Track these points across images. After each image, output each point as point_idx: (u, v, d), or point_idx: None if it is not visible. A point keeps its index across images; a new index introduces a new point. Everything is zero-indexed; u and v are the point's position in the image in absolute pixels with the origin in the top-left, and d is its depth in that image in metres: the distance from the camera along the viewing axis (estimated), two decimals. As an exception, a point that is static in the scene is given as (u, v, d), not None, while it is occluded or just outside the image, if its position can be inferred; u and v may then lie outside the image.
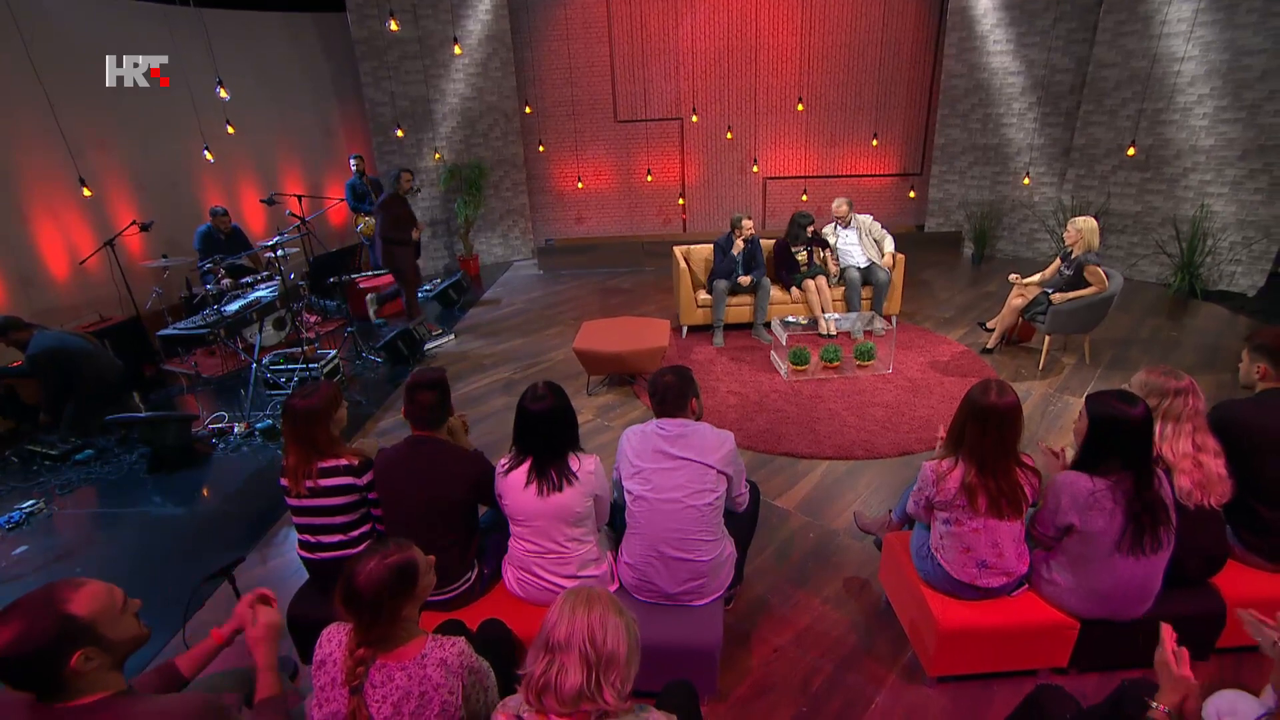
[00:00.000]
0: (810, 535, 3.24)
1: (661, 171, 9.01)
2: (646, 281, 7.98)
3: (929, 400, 4.54)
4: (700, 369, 5.23)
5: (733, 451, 2.29)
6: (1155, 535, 2.02)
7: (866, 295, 5.85)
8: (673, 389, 2.29)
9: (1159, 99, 6.69)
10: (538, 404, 2.20)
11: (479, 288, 7.99)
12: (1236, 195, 6.45)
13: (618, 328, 5.00)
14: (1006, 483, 2.02)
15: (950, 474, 2.08)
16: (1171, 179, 6.80)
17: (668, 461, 2.23)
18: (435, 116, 8.11)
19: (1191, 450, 2.20)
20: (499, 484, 2.27)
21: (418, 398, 2.28)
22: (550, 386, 2.25)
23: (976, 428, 2.03)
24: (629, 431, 2.37)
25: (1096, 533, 2.03)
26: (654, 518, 2.21)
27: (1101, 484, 2.03)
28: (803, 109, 8.51)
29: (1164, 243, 6.90)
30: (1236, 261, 6.56)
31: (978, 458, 2.03)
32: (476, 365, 5.58)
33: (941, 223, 8.70)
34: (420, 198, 8.37)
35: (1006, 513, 2.05)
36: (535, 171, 8.99)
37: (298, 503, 2.30)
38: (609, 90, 8.61)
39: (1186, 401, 2.23)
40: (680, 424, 2.28)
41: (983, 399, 2.02)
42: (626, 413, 4.62)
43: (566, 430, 2.23)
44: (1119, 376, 4.84)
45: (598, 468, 2.25)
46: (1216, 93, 6.37)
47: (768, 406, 4.56)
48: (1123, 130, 6.98)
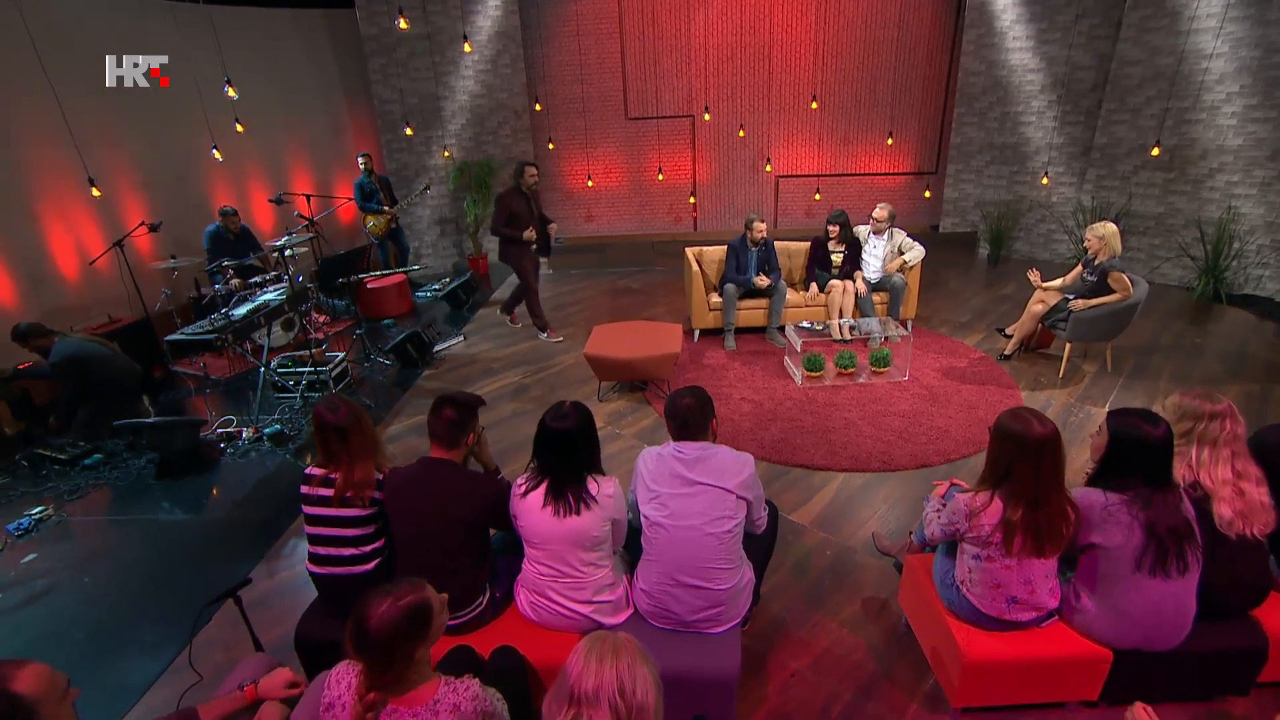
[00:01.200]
0: (827, 552, 3.17)
1: (673, 170, 8.91)
2: (657, 281, 7.89)
3: (946, 410, 4.45)
4: (713, 374, 5.15)
5: (752, 475, 2.22)
6: (1181, 557, 1.95)
7: (881, 300, 5.75)
8: (695, 412, 2.22)
9: (1185, 97, 6.52)
10: (560, 423, 2.14)
11: (488, 287, 7.93)
12: (1266, 197, 6.29)
13: (629, 332, 4.93)
14: (1058, 515, 1.94)
15: (986, 510, 1.99)
16: (1196, 180, 6.64)
17: (686, 487, 2.16)
18: (444, 114, 8.04)
19: (1231, 477, 2.12)
20: (515, 504, 2.21)
21: (442, 412, 2.23)
22: (575, 407, 2.19)
23: (1028, 466, 1.93)
24: (646, 453, 2.31)
25: (1116, 547, 1.97)
26: (671, 545, 2.15)
27: (1115, 498, 1.99)
28: (817, 107, 8.37)
29: (1187, 245, 6.75)
30: (1264, 265, 6.41)
31: (1029, 496, 1.94)
32: (486, 369, 5.53)
33: (957, 223, 8.56)
34: (429, 195, 8.32)
35: (1048, 551, 1.97)
36: (545, 169, 8.90)
37: (318, 510, 2.27)
38: (620, 87, 8.51)
39: (1224, 426, 2.14)
40: (699, 447, 2.21)
41: (1029, 432, 1.93)
42: (639, 420, 4.55)
43: (587, 452, 2.17)
44: (1141, 386, 4.73)
45: (617, 491, 2.19)
46: (1246, 91, 6.21)
47: (782, 415, 4.48)
48: (1146, 130, 6.82)
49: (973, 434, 4.13)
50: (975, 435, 4.12)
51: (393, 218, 7.33)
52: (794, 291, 5.89)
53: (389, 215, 7.25)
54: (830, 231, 5.69)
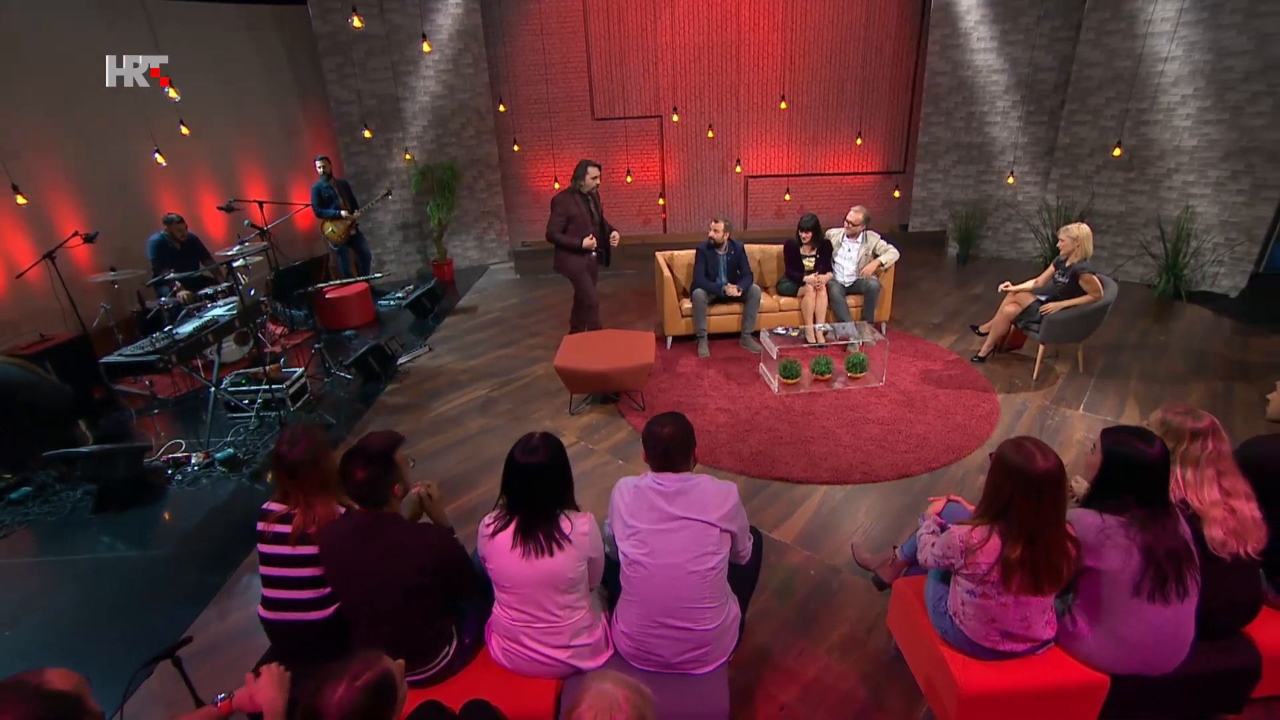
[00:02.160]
0: (811, 572, 3.07)
1: (641, 171, 8.77)
2: (627, 285, 7.75)
3: (925, 416, 4.40)
4: (687, 383, 5.03)
5: (736, 506, 2.09)
6: (1180, 581, 1.89)
7: (855, 303, 5.70)
8: (676, 442, 2.08)
9: (1143, 99, 6.63)
10: (529, 457, 1.99)
11: (454, 294, 7.69)
12: (1219, 196, 6.43)
13: (600, 342, 4.78)
14: (1058, 553, 1.85)
15: (983, 547, 1.89)
16: (1155, 179, 6.76)
17: (666, 522, 2.02)
18: (405, 115, 7.76)
19: (1220, 497, 2.06)
20: (483, 546, 2.05)
21: (352, 473, 1.96)
22: (546, 439, 2.04)
23: (1028, 501, 1.84)
24: (623, 486, 2.16)
25: (1113, 571, 1.90)
26: (652, 585, 2.01)
27: (1112, 520, 1.92)
28: (786, 107, 8.32)
29: (1148, 243, 6.87)
30: (1219, 263, 6.55)
31: (1028, 533, 1.85)
32: (452, 381, 5.32)
33: (926, 222, 8.60)
34: (391, 200, 8.03)
35: (1046, 589, 1.89)
36: (510, 172, 8.68)
37: (273, 549, 2.10)
38: (585, 87, 8.33)
39: (1206, 445, 2.09)
40: (679, 479, 2.07)
41: (1031, 466, 1.83)
42: (612, 434, 4.41)
43: (559, 488, 2.02)
44: (1112, 385, 4.76)
45: (592, 528, 2.04)
46: (1200, 93, 6.33)
47: (759, 425, 4.38)
48: (1107, 130, 6.92)
49: (952, 441, 4.09)
50: (955, 442, 4.08)
51: (353, 224, 7.04)
52: (767, 296, 5.80)
53: (348, 221, 6.97)
54: (803, 238, 5.62)
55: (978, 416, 4.37)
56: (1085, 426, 4.24)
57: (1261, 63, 5.95)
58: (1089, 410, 4.44)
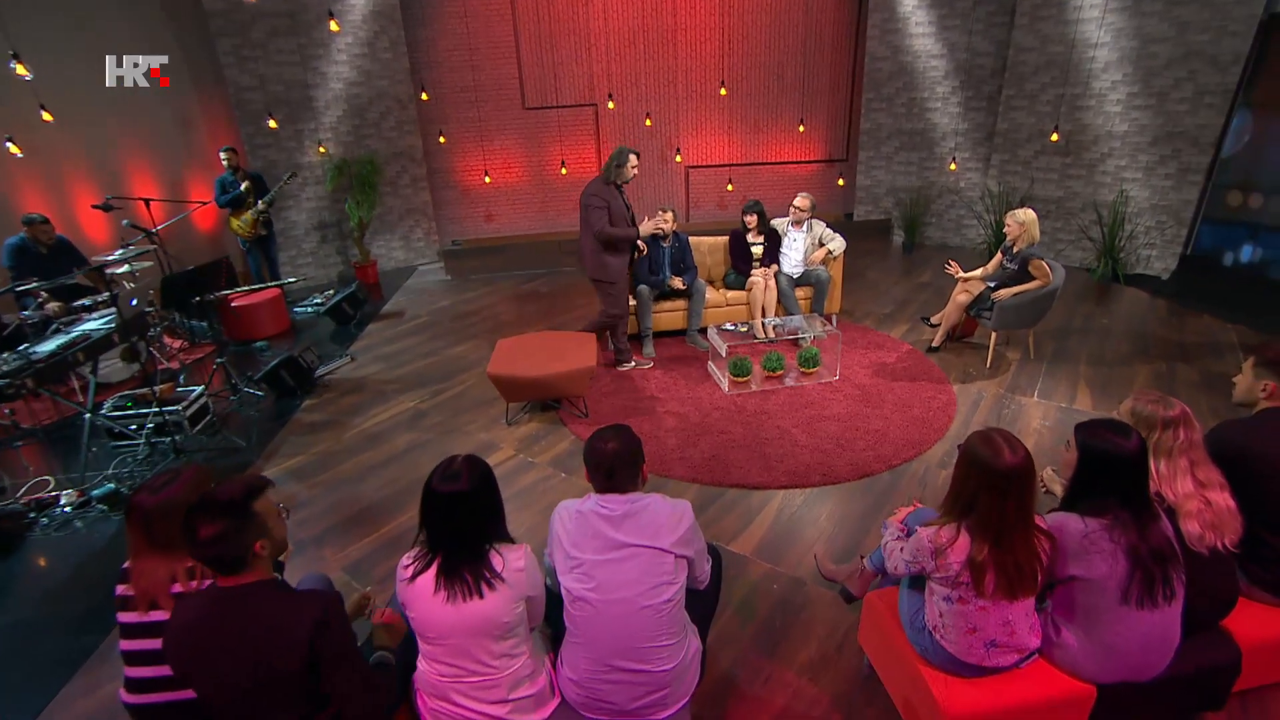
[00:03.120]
0: (774, 587, 2.92)
1: (577, 162, 8.53)
2: (566, 284, 7.51)
3: (881, 410, 4.35)
4: (633, 385, 4.84)
5: (692, 527, 1.90)
6: (1168, 583, 1.82)
7: (804, 295, 5.63)
8: (622, 459, 1.88)
9: (1076, 84, 6.83)
10: (449, 485, 1.74)
11: (378, 298, 7.27)
12: (1150, 180, 6.69)
13: (537, 345, 4.53)
14: (1024, 554, 1.74)
15: (952, 546, 1.77)
16: (1091, 164, 6.99)
17: (614, 551, 1.81)
18: (316, 104, 7.27)
19: (1194, 489, 2.01)
20: (403, 591, 1.79)
21: (198, 531, 1.54)
22: (469, 463, 1.79)
23: (993, 497, 1.73)
24: (563, 510, 1.94)
25: (1101, 579, 1.81)
26: (601, 624, 1.80)
27: (1094, 524, 1.83)
28: (725, 94, 8.23)
29: (1086, 228, 7.09)
30: (1151, 245, 6.82)
31: (993, 531, 1.74)
32: (377, 394, 4.96)
33: (870, 210, 8.69)
34: (304, 198, 7.51)
35: (1020, 592, 1.78)
36: (437, 165, 8.29)
37: (130, 618, 1.79)
38: (515, 74, 8.03)
39: (1179, 434, 2.03)
40: (626, 500, 1.87)
41: (997, 461, 1.72)
42: (553, 444, 4.17)
43: (486, 519, 1.79)
44: (1064, 370, 4.84)
45: (529, 562, 1.81)
46: (1128, 79, 6.56)
47: (711, 428, 4.23)
48: (1043, 115, 7.11)
49: (911, 435, 4.04)
50: (914, 436, 4.03)
51: (262, 218, 6.46)
52: (713, 290, 5.67)
53: (256, 214, 6.39)
54: (747, 223, 5.50)
55: (935, 409, 4.35)
56: (1041, 414, 4.27)
57: (1182, 49, 6.21)
58: (1043, 397, 4.49)
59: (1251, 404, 2.28)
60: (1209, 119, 6.19)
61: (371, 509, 3.57)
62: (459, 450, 4.14)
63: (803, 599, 2.85)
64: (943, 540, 1.79)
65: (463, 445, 4.19)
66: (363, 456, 4.11)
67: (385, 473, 3.93)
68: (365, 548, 3.26)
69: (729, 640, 2.63)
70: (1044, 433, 4.06)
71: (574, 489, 3.68)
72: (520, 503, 3.59)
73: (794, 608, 2.80)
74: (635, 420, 4.34)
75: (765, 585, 2.93)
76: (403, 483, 3.81)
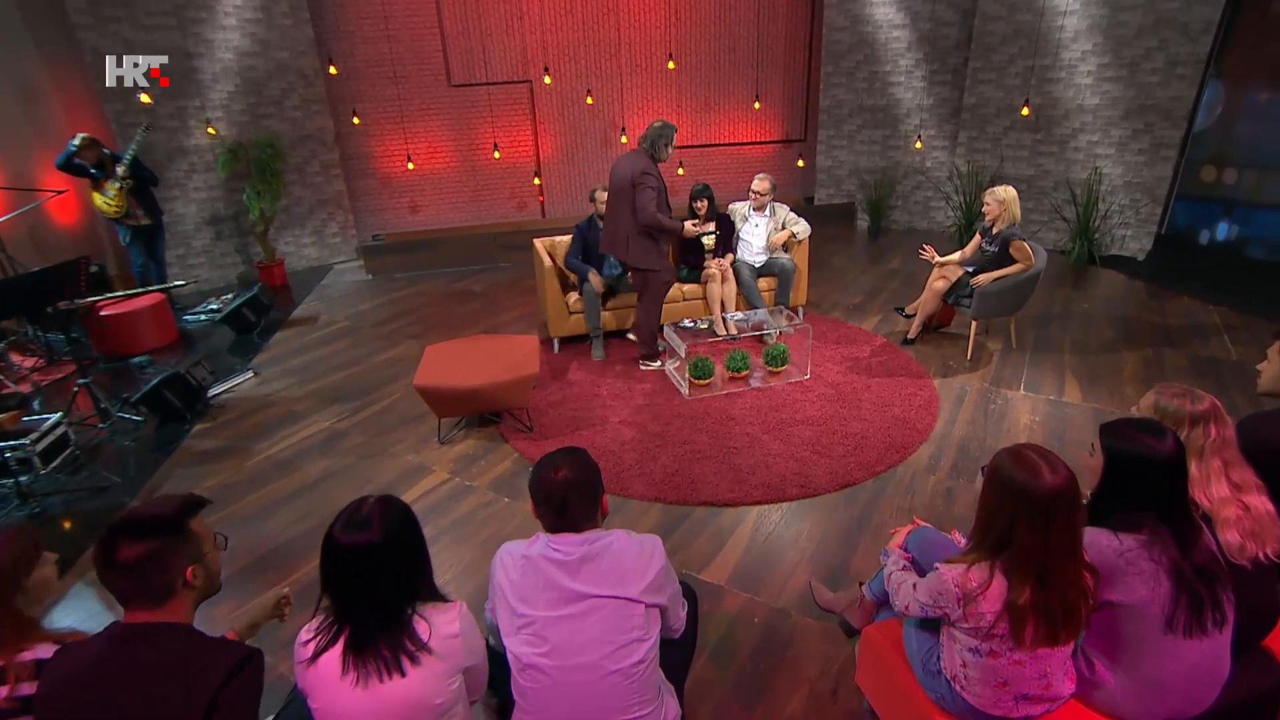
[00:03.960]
0: (754, 620, 2.74)
1: (511, 146, 8.22)
2: (503, 281, 7.22)
3: (859, 411, 4.23)
4: (582, 393, 4.61)
5: (664, 569, 1.69)
6: (1217, 606, 1.69)
7: (767, 287, 5.51)
8: (576, 489, 1.64)
9: (1045, 55, 6.93)
10: (356, 535, 1.47)
11: (288, 302, 6.82)
12: (1123, 156, 6.84)
13: (473, 351, 4.25)
14: (1073, 593, 1.58)
15: (985, 593, 1.59)
16: (1062, 140, 7.10)
17: (571, 604, 1.58)
18: (202, 77, 6.75)
19: (1230, 493, 1.90)
20: (303, 676, 1.51)
21: (115, 553, 1.38)
22: (382, 506, 1.52)
23: (1034, 529, 1.54)
24: (505, 556, 1.70)
25: (1141, 604, 1.68)
26: (558, 696, 1.56)
27: (1130, 541, 1.69)
28: (674, 67, 8.07)
29: (1059, 207, 7.21)
30: (1126, 225, 6.97)
31: (1035, 570, 1.56)
32: (286, 413, 4.58)
33: (833, 194, 8.68)
34: (192, 187, 6.98)
35: (1064, 638, 1.62)
36: (352, 150, 7.86)
37: None
38: (438, 46, 7.67)
39: (1210, 431, 1.92)
40: (582, 540, 1.64)
41: (1036, 484, 1.54)
42: (493, 464, 3.90)
43: (407, 576, 1.52)
44: (1049, 360, 4.84)
45: (464, 625, 1.55)
46: (1099, 49, 6.69)
47: (673, 438, 4.04)
48: (1012, 89, 7.20)
49: (893, 437, 3.94)
50: (896, 439, 3.92)
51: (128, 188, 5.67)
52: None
53: (119, 182, 5.61)
54: (697, 209, 5.32)
55: (916, 406, 4.27)
56: (1030, 408, 4.23)
57: (1153, 17, 6.35)
58: (1030, 389, 4.46)
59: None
60: (1181, 91, 6.35)
61: (278, 553, 3.23)
62: (384, 476, 3.88)
63: (788, 632, 2.67)
64: (973, 584, 1.61)
65: (388, 470, 3.88)
66: (267, 488, 3.75)
67: (295, 507, 3.58)
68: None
69: (706, 691, 2.43)
70: (1035, 429, 4.01)
71: (519, 516, 3.43)
72: (457, 534, 3.31)
73: (779, 644, 2.62)
74: (588, 433, 4.11)
75: (744, 619, 2.75)
76: (316, 518, 3.48)
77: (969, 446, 3.87)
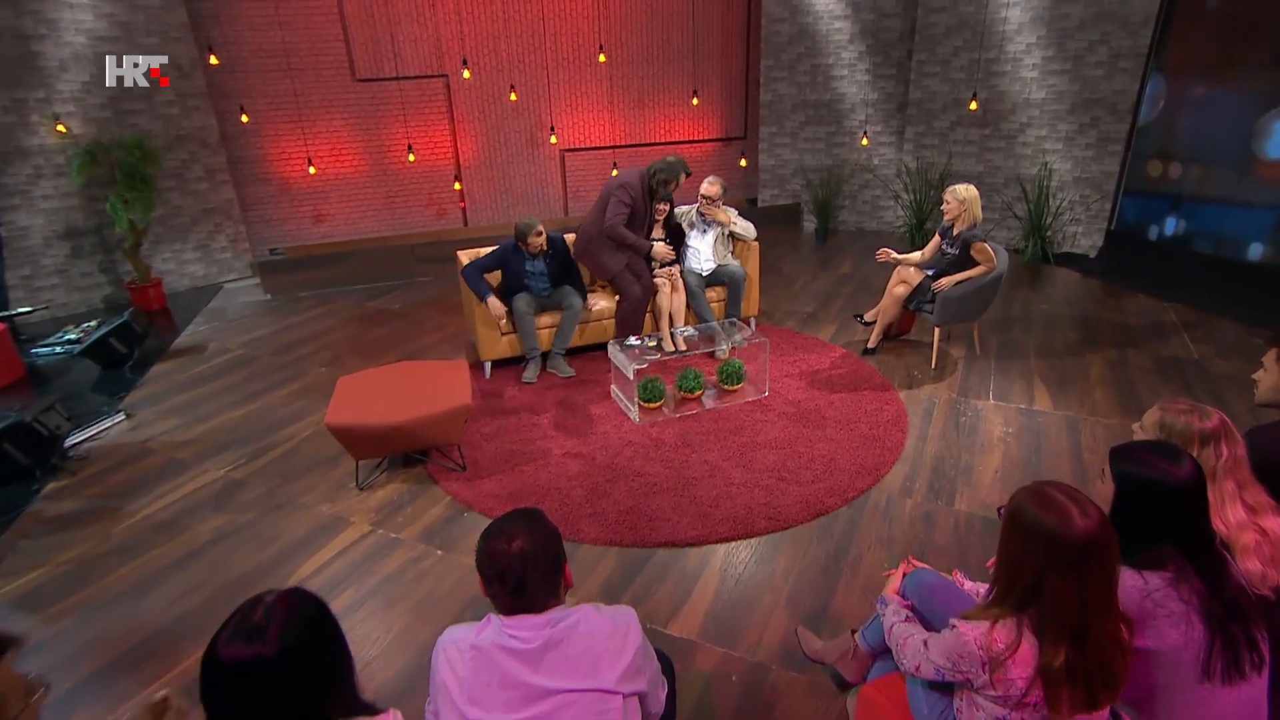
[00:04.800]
0: (732, 678, 2.59)
1: (428, 147, 7.95)
2: (423, 298, 6.93)
3: (824, 430, 4.18)
4: (520, 423, 4.40)
5: (640, 647, 1.52)
6: (1254, 646, 1.65)
7: (717, 298, 5.44)
8: (535, 562, 1.46)
9: (990, 48, 7.17)
10: (239, 648, 1.21)
11: (169, 329, 6.33)
12: (1071, 151, 7.13)
13: (393, 381, 3.98)
14: (1114, 648, 1.49)
15: (1014, 656, 1.48)
16: (1010, 135, 7.35)
17: (535, 704, 1.39)
18: (46, 65, 6.20)
19: (1246, 516, 1.88)
20: None
21: None
22: (285, 606, 1.27)
23: (1067, 581, 1.44)
24: (449, 646, 1.49)
25: (1174, 650, 1.62)
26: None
27: (1156, 580, 1.64)
28: (605, 60, 7.98)
29: (1010, 204, 7.45)
30: (1076, 221, 7.26)
31: (1070, 628, 1.46)
32: (168, 464, 4.18)
33: (777, 194, 8.75)
34: (38, 195, 6.38)
35: (1104, 700, 1.53)
36: (242, 153, 7.41)
37: None
38: (339, 35, 7.35)
39: (1220, 451, 1.91)
40: (544, 622, 1.45)
41: (1067, 530, 1.44)
42: (423, 510, 3.64)
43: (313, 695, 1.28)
44: (1015, 366, 4.92)
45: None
46: (1043, 42, 6.96)
47: (623, 470, 3.88)
48: (957, 82, 7.41)
49: (864, 458, 3.89)
50: (867, 460, 3.87)
51: None
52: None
53: None
54: (656, 213, 5.22)
55: (884, 422, 4.24)
56: (1002, 419, 4.27)
57: (1094, 9, 6.66)
58: (1000, 399, 4.51)
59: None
60: (1124, 84, 6.66)
61: (159, 639, 2.87)
62: (292, 533, 3.55)
63: (771, 690, 2.54)
64: (999, 646, 1.50)
65: (297, 525, 3.57)
66: (144, 557, 3.37)
67: (181, 578, 3.23)
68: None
69: (685, 768, 2.26)
70: (1010, 441, 4.04)
71: (456, 571, 3.19)
72: (384, 597, 3.05)
73: (762, 705, 2.48)
74: (529, 469, 3.91)
75: (721, 678, 2.60)
76: (208, 590, 3.14)
77: (943, 465, 3.85)
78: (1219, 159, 6.23)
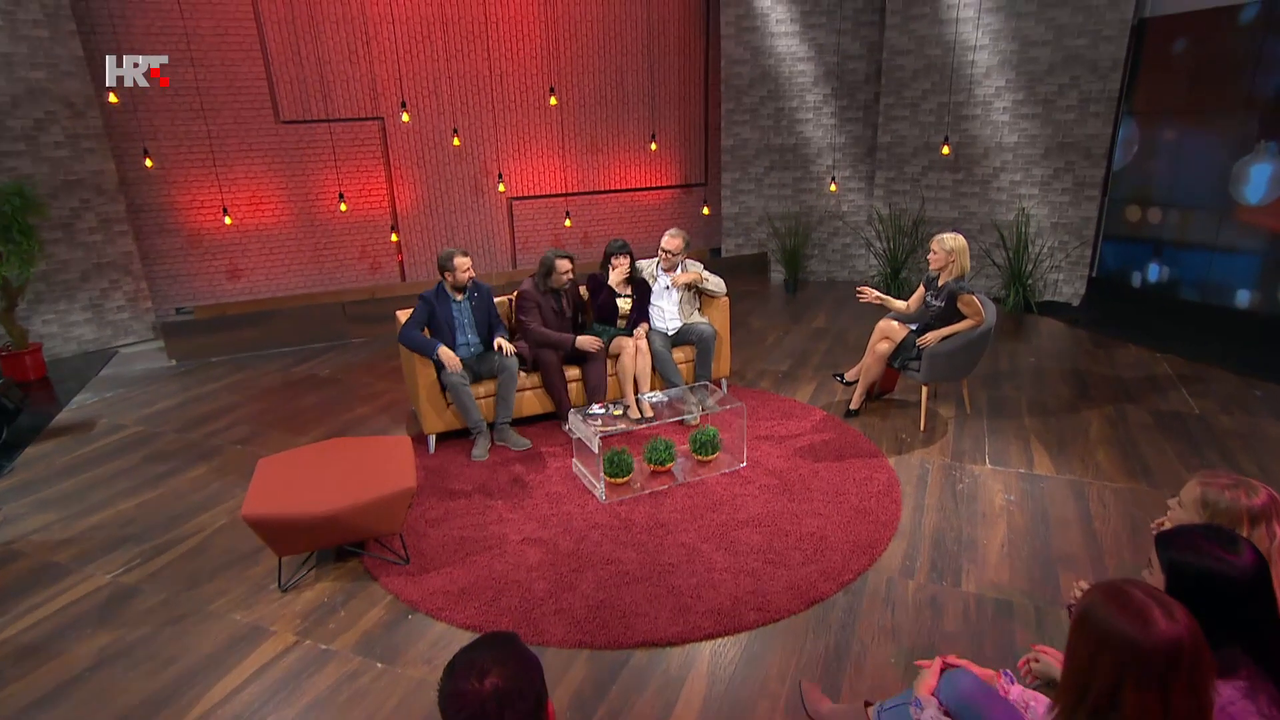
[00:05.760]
0: (731, 808, 2.40)
1: (361, 195, 7.85)
2: (357, 362, 6.72)
3: (811, 504, 4.08)
4: (471, 505, 4.20)
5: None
6: None
7: (685, 359, 5.37)
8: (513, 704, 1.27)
9: (960, 91, 7.46)
10: None
11: (48, 402, 5.96)
12: (1047, 196, 7.39)
13: (323, 461, 3.75)
14: None
15: None
16: (984, 180, 7.60)
17: None
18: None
19: None
20: None
21: None
22: None
23: (1150, 695, 1.33)
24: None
25: None
26: None
27: (1229, 691, 1.54)
28: (556, 103, 8.04)
29: (988, 251, 7.64)
30: (1057, 269, 7.48)
31: None
32: (42, 568, 3.82)
33: (742, 243, 8.84)
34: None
35: None
36: (145, 200, 7.18)
37: None
38: (261, 73, 7.25)
39: (1273, 531, 1.86)
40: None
41: (1148, 636, 1.33)
42: (358, 614, 3.37)
43: None
44: (1009, 426, 4.93)
45: None
46: (1013, 85, 7.28)
47: (591, 557, 3.69)
48: (927, 126, 7.66)
49: (857, 535, 3.79)
50: (861, 536, 3.78)
51: None
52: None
53: None
54: (615, 267, 5.18)
55: (876, 493, 4.17)
56: (1002, 485, 4.24)
57: (1062, 54, 7.01)
58: (996, 463, 4.49)
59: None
60: (1097, 128, 6.97)
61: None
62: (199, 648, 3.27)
63: (776, 825, 2.35)
64: None
65: (205, 638, 3.26)
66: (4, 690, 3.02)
67: (54, 715, 2.89)
68: None
69: None
70: (1013, 511, 3.99)
71: (400, 688, 2.93)
72: (304, 728, 2.77)
73: (767, 844, 2.28)
74: (483, 560, 3.69)
75: (717, 811, 2.40)
76: (92, 723, 2.82)
77: (944, 539, 3.77)
78: (1198, 204, 6.52)
